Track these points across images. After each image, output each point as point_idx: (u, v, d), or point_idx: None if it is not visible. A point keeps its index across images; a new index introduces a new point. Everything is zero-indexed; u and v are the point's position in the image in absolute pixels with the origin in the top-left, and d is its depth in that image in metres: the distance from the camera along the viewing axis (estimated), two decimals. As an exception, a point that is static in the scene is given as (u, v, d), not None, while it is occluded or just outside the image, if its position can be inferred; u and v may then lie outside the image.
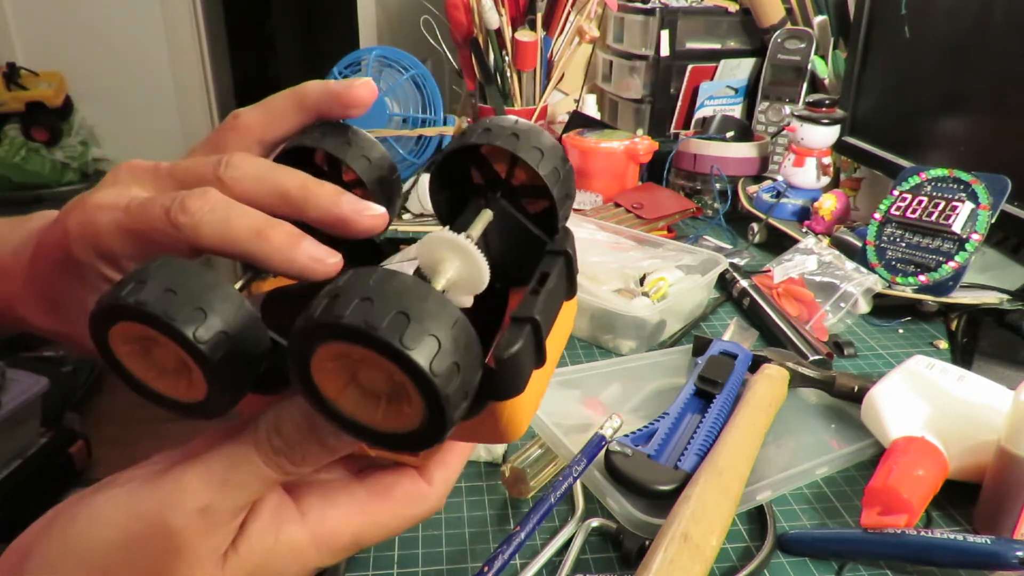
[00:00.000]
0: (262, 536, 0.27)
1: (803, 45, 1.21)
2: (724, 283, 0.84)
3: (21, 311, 0.35)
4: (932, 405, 0.52)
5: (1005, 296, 0.76)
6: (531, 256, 0.29)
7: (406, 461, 0.31)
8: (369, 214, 0.28)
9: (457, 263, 0.25)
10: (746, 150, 1.14)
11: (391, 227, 0.31)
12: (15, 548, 0.27)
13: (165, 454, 0.28)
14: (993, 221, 0.75)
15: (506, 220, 0.30)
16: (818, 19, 1.24)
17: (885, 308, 0.79)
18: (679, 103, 1.35)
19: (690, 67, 1.32)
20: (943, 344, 0.74)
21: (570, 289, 0.29)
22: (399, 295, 0.20)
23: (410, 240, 0.32)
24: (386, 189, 0.31)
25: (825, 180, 1.04)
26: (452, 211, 0.31)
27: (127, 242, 0.28)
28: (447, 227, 0.26)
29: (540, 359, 0.26)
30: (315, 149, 0.30)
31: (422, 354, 0.20)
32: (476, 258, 0.25)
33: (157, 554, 0.25)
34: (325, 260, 0.27)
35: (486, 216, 0.29)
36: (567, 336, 0.31)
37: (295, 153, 0.31)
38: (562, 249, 0.28)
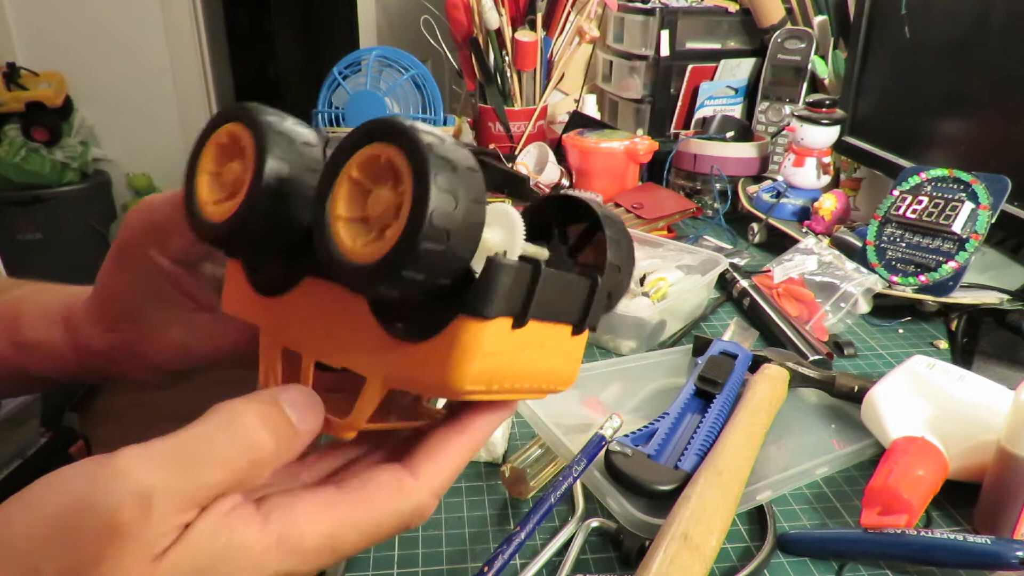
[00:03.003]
0: (212, 535, 0.23)
1: (803, 45, 1.21)
2: (724, 283, 0.84)
3: (85, 336, 0.38)
4: (932, 405, 0.52)
5: (1005, 296, 0.76)
6: None
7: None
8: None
9: (502, 233, 0.26)
10: (746, 150, 1.14)
11: None
12: None
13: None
14: (993, 221, 0.75)
15: (558, 268, 0.29)
16: (818, 19, 1.24)
17: (885, 308, 0.79)
18: (679, 103, 1.36)
19: (690, 67, 1.32)
20: (943, 344, 0.74)
21: (581, 320, 0.28)
22: (454, 145, 0.23)
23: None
24: None
25: (825, 180, 1.04)
26: None
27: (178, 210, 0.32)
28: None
29: (522, 315, 0.24)
30: None
31: (436, 165, 0.22)
32: (519, 234, 0.26)
33: (85, 541, 0.21)
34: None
35: (543, 251, 0.28)
36: (552, 375, 0.28)
37: None
38: (593, 277, 0.28)
